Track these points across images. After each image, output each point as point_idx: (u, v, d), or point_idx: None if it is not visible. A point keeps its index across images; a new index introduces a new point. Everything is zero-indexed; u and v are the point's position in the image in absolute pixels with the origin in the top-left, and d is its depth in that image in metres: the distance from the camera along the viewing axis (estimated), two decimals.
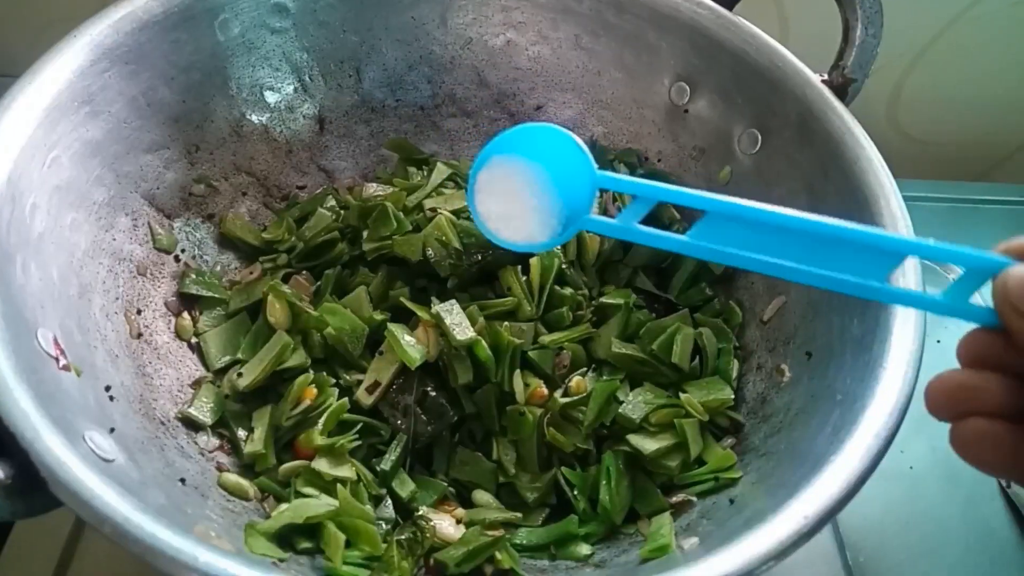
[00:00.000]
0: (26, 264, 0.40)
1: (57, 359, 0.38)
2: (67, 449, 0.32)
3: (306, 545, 0.41)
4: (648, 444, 0.45)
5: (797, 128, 0.50)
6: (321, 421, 0.45)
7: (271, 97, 0.57)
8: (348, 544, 0.41)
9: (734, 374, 0.50)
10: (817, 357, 0.45)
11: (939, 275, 0.70)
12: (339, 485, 0.43)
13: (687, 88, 0.57)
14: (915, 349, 0.38)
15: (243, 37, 0.54)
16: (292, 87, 0.58)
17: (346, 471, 0.44)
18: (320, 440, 0.44)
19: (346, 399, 0.47)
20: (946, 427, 0.58)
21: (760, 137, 0.53)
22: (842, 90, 0.50)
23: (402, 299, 0.49)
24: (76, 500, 0.30)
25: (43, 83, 0.43)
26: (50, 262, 0.42)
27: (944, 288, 0.31)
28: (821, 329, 0.45)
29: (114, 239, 0.48)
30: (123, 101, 0.48)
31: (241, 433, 0.46)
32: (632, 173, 0.58)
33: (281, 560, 0.38)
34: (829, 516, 0.32)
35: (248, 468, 0.46)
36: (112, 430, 0.39)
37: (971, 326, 0.29)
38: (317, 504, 0.42)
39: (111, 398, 0.41)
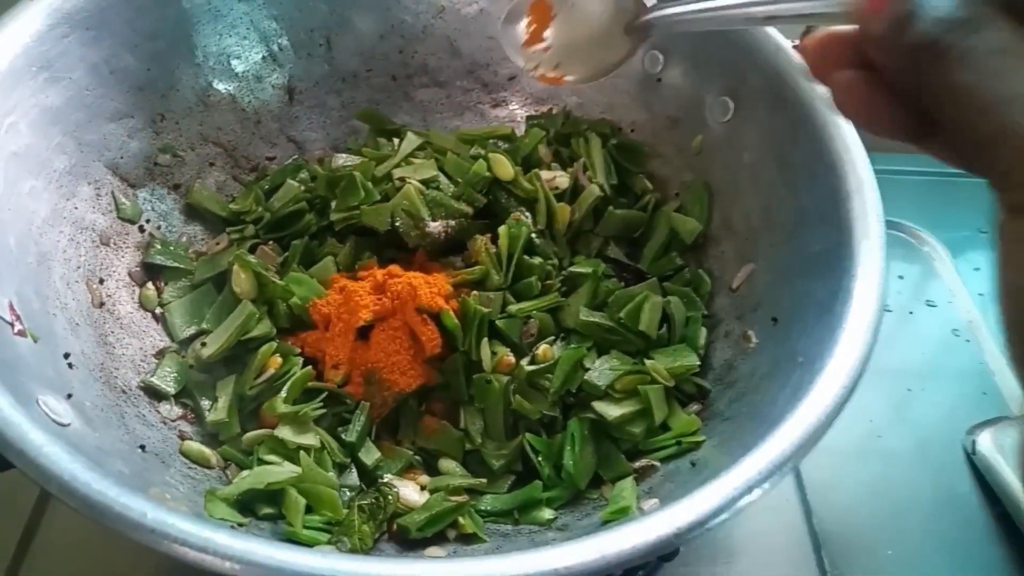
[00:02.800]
0: None
1: (12, 324, 0.38)
2: (16, 410, 0.32)
3: (268, 511, 0.41)
4: (612, 410, 0.45)
5: (768, 95, 0.50)
6: (285, 389, 0.44)
7: (238, 66, 0.56)
8: (309, 509, 0.41)
9: (702, 342, 0.49)
10: (782, 322, 0.45)
11: (918, 251, 0.70)
12: (302, 452, 0.43)
13: (660, 56, 0.56)
14: (875, 311, 0.38)
15: (209, 4, 0.54)
16: (260, 56, 0.57)
17: (310, 439, 0.44)
18: (284, 408, 0.44)
19: (310, 367, 0.46)
20: (915, 397, 0.59)
21: (732, 105, 0.53)
22: None
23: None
24: (23, 459, 0.30)
25: None
26: (7, 229, 0.41)
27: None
28: (786, 294, 0.45)
29: (76, 208, 0.47)
30: (84, 68, 0.48)
31: (205, 402, 0.46)
32: (604, 144, 0.57)
33: (240, 524, 0.38)
34: (781, 469, 0.32)
35: (212, 437, 0.45)
36: (69, 396, 0.38)
37: None
38: (279, 471, 0.42)
39: (70, 365, 0.41)
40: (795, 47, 0.50)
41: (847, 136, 0.45)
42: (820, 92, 0.48)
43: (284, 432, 0.43)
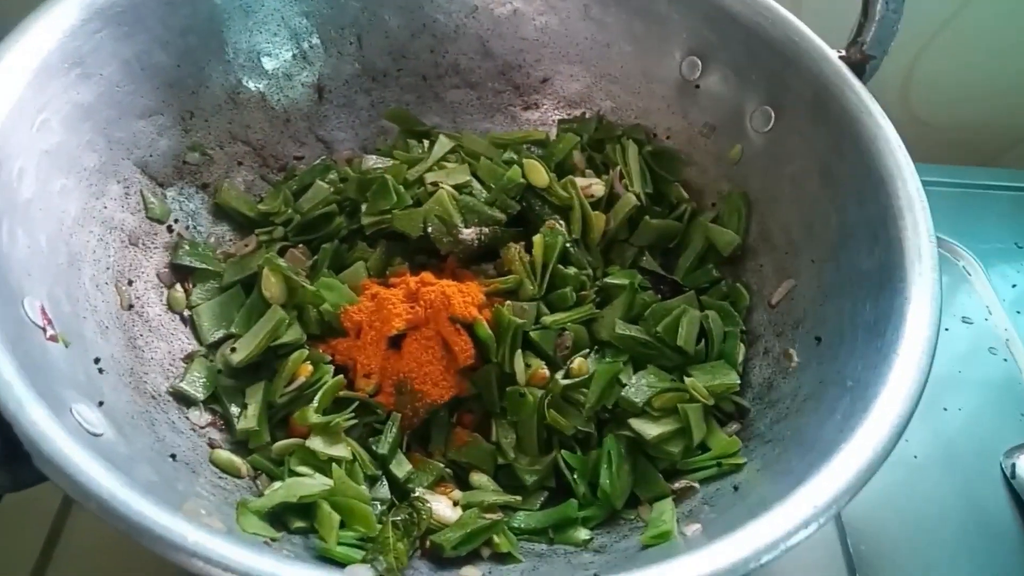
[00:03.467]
0: (12, 230, 0.38)
1: (44, 329, 0.37)
2: (52, 422, 0.31)
3: (299, 524, 0.40)
4: (650, 429, 0.44)
5: (812, 106, 0.49)
6: (316, 399, 0.44)
7: (269, 64, 0.55)
8: (342, 524, 0.40)
9: (740, 358, 0.48)
10: (827, 342, 0.44)
11: (953, 264, 0.68)
12: (334, 464, 0.42)
13: (699, 62, 0.55)
14: (930, 336, 0.37)
15: (240, 0, 0.53)
16: (291, 53, 0.56)
17: (341, 450, 0.43)
18: (315, 418, 0.43)
19: (341, 376, 0.45)
20: (949, 416, 0.58)
21: (773, 114, 0.51)
22: (860, 67, 0.48)
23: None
24: (60, 475, 0.29)
25: (32, 43, 0.42)
26: (38, 228, 0.40)
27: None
28: (832, 313, 0.44)
29: (105, 207, 0.46)
30: (116, 64, 0.47)
31: (234, 409, 0.45)
32: (640, 150, 0.56)
33: (273, 539, 0.37)
34: (838, 505, 0.31)
35: (241, 445, 0.44)
36: (101, 403, 0.38)
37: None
38: (311, 483, 0.41)
39: (100, 371, 0.40)
40: (840, 57, 0.49)
41: (897, 151, 0.44)
42: (868, 104, 0.47)
43: (315, 443, 0.43)
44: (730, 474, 0.42)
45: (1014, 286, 0.66)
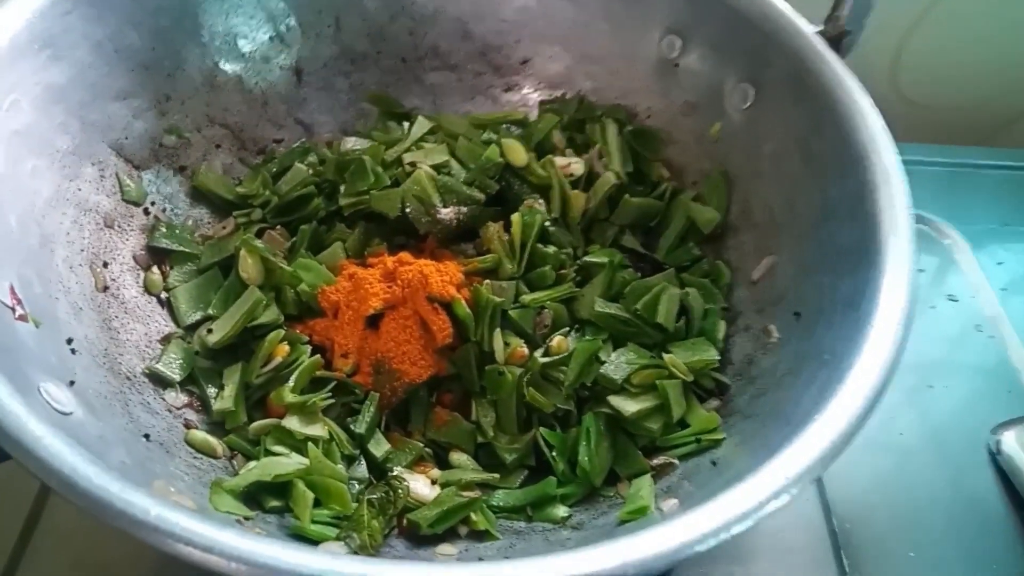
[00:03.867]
0: None
1: (13, 308, 0.37)
2: (14, 398, 0.30)
3: (275, 504, 0.39)
4: (629, 405, 0.44)
5: (790, 82, 0.48)
6: (292, 378, 0.43)
7: (245, 46, 0.55)
8: (318, 503, 0.40)
9: (721, 335, 0.48)
10: (806, 317, 0.43)
11: (939, 243, 0.68)
12: (310, 444, 0.42)
13: (678, 41, 0.55)
14: (905, 308, 0.37)
15: None
16: (267, 36, 0.56)
17: (318, 430, 0.42)
18: (291, 398, 0.43)
19: (319, 356, 0.45)
20: (936, 394, 0.58)
21: (752, 91, 0.51)
22: (837, 42, 0.48)
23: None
24: (21, 450, 0.29)
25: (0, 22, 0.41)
26: (7, 209, 0.40)
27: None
28: (811, 289, 0.44)
29: (79, 189, 0.46)
30: (88, 45, 0.46)
31: (211, 390, 0.45)
32: (620, 130, 0.56)
33: (247, 518, 0.37)
34: (810, 475, 0.31)
35: (218, 426, 0.44)
36: (72, 383, 0.37)
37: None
38: (287, 462, 0.41)
39: (73, 351, 0.40)
40: (818, 33, 0.49)
41: (873, 126, 0.44)
42: (844, 79, 0.46)
43: (292, 422, 0.42)
44: (709, 449, 0.42)
45: (1000, 263, 0.66)
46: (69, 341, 0.40)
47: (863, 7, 0.48)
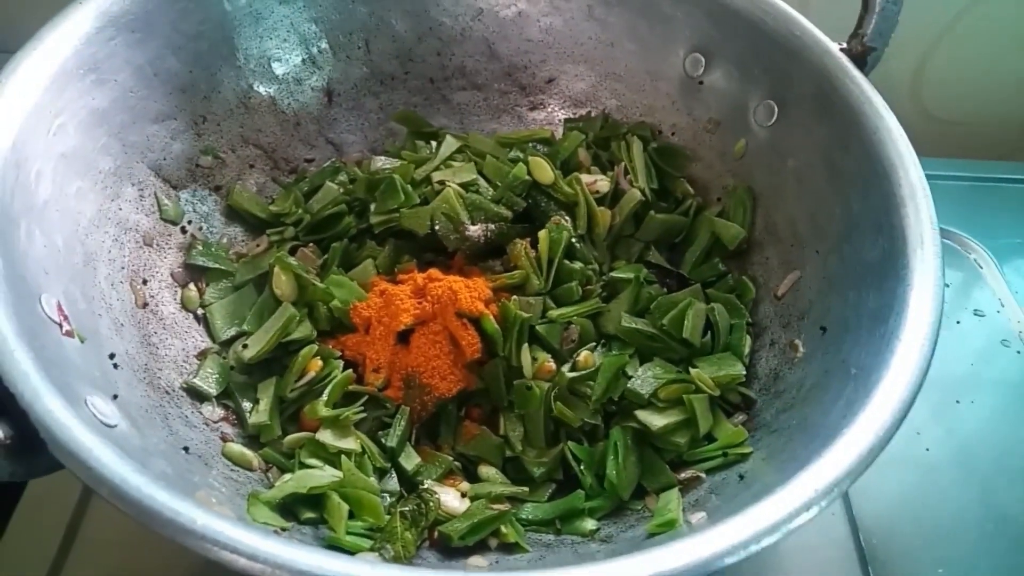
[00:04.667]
0: (30, 230, 0.39)
1: (60, 324, 0.38)
2: (67, 412, 0.32)
3: (309, 515, 0.40)
4: (656, 420, 0.44)
5: (815, 99, 0.49)
6: (326, 392, 0.44)
7: (279, 68, 0.56)
8: (351, 515, 0.40)
9: (746, 350, 0.49)
10: (832, 332, 0.44)
11: (964, 258, 0.68)
12: (343, 457, 0.43)
13: (702, 59, 0.56)
14: (932, 322, 0.37)
15: (251, 7, 0.54)
16: (300, 58, 0.57)
17: (350, 443, 0.43)
18: (325, 411, 0.44)
19: (351, 371, 0.46)
20: (963, 409, 0.57)
21: (777, 108, 0.52)
22: (862, 59, 0.48)
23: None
24: (74, 461, 0.30)
25: (49, 49, 0.43)
26: (55, 229, 0.42)
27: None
28: (836, 303, 0.44)
29: (120, 209, 0.48)
30: (129, 70, 0.48)
31: (246, 404, 0.46)
32: (645, 147, 0.57)
33: (283, 529, 0.38)
34: (838, 489, 0.31)
35: (253, 439, 0.45)
36: (115, 397, 0.39)
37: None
38: (321, 475, 0.42)
39: (115, 366, 0.41)
40: (842, 50, 0.49)
41: (899, 142, 0.45)
42: (869, 95, 0.47)
43: (325, 436, 0.43)
44: (736, 463, 0.42)
45: None
46: (111, 356, 0.42)
47: (887, 24, 0.48)
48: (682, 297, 0.49)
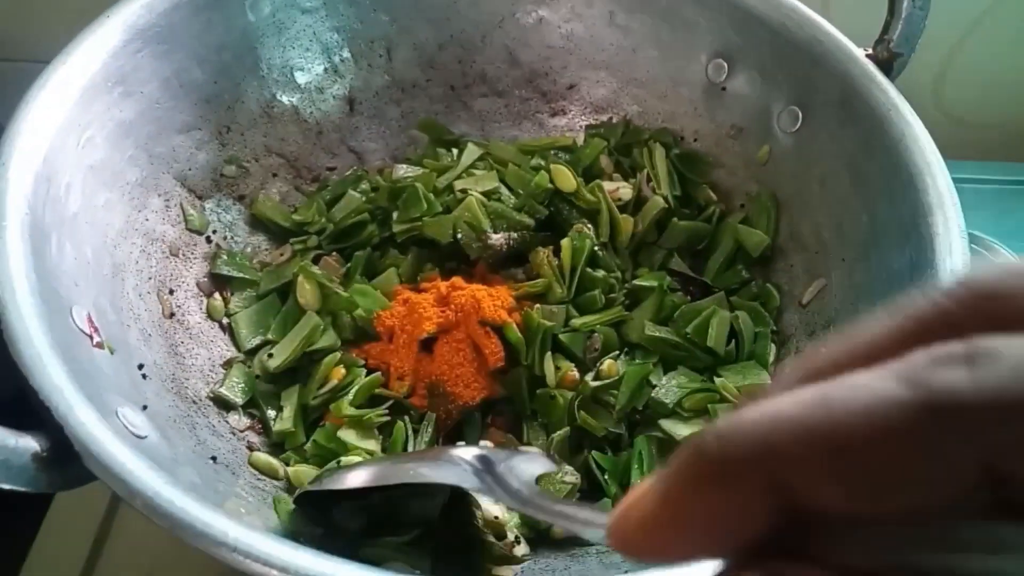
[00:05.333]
0: (61, 242, 0.40)
1: (91, 336, 0.39)
2: (100, 424, 0.32)
3: None
4: (681, 429, 0.44)
5: (839, 105, 0.49)
6: (352, 391, 0.45)
7: (301, 78, 0.57)
8: None
9: (771, 359, 0.48)
10: None
11: (987, 261, 0.67)
12: (365, 455, 0.43)
13: (725, 65, 0.55)
14: None
15: (273, 17, 0.54)
16: (322, 67, 0.58)
17: (372, 444, 0.44)
18: (349, 411, 0.44)
19: (379, 374, 0.46)
20: None
21: (801, 114, 0.51)
22: (887, 65, 0.48)
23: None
24: (108, 474, 0.30)
25: (77, 63, 0.44)
26: (84, 241, 0.42)
27: None
28: (863, 312, 0.44)
29: (147, 219, 0.48)
30: (156, 82, 0.48)
31: (271, 413, 0.46)
32: (667, 154, 0.56)
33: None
34: None
35: (278, 447, 0.46)
36: (145, 407, 0.39)
37: None
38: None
39: (144, 376, 0.42)
40: (868, 55, 0.49)
41: (925, 148, 0.44)
42: (895, 102, 0.46)
43: (348, 435, 0.44)
44: None
45: None
46: (140, 367, 0.42)
47: (914, 29, 0.48)
48: (706, 305, 0.49)
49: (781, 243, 0.52)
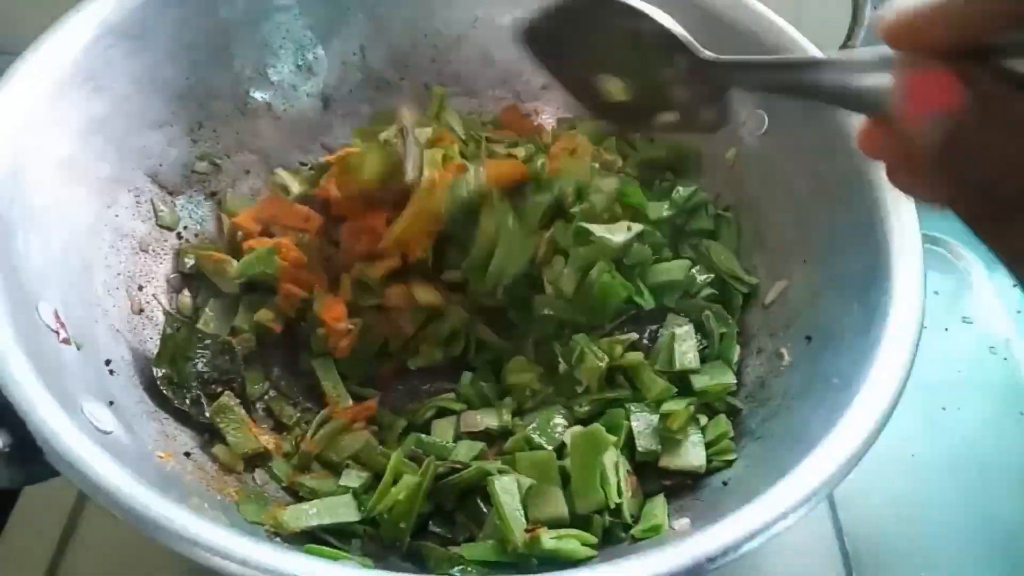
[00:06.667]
0: (28, 238, 0.40)
1: (57, 332, 0.39)
2: (64, 419, 0.32)
3: None
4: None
5: (802, 109, 0.49)
6: None
7: (274, 75, 0.57)
8: None
9: (735, 358, 0.49)
10: (817, 341, 0.44)
11: (953, 265, 0.69)
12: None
13: None
14: (913, 334, 0.38)
15: (246, 15, 0.54)
16: (296, 65, 0.58)
17: None
18: None
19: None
20: (949, 416, 0.58)
21: (766, 118, 0.52)
22: None
23: None
24: (71, 470, 0.31)
25: (47, 58, 0.44)
26: (52, 236, 0.42)
27: None
28: (822, 313, 0.45)
29: (116, 215, 0.48)
30: (127, 78, 0.48)
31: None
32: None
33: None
34: (819, 495, 0.32)
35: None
36: (111, 403, 0.39)
37: None
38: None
39: (111, 372, 0.42)
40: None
41: None
42: None
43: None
44: (720, 470, 0.43)
45: (1015, 285, 0.66)
46: (107, 362, 0.42)
47: (876, 37, 0.49)
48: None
49: (746, 244, 0.53)
